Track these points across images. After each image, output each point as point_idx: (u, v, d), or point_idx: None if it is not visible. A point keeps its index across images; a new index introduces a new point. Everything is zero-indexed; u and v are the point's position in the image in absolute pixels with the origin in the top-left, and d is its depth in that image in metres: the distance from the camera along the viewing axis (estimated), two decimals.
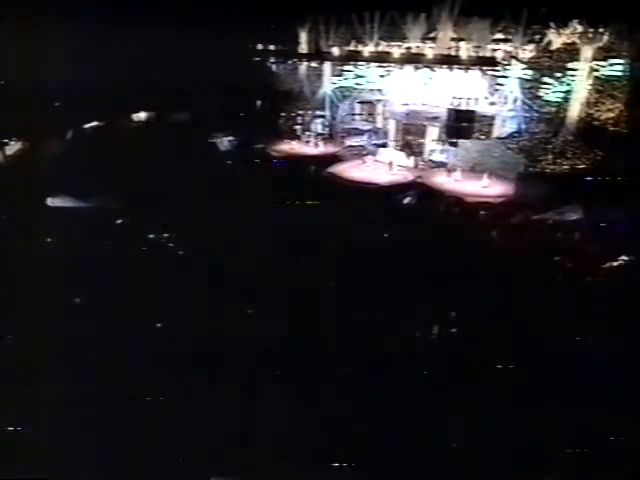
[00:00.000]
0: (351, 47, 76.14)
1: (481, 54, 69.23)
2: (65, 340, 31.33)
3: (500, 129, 66.81)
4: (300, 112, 78.40)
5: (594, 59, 61.04)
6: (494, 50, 68.74)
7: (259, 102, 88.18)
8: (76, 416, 26.21)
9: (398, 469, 24.59)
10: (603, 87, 62.98)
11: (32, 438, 25.57)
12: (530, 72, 62.56)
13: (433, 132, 69.76)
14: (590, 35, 61.48)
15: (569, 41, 61.83)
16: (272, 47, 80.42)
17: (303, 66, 77.80)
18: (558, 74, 61.11)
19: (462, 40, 70.78)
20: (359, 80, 75.33)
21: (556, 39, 62.97)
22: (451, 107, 68.22)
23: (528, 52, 65.72)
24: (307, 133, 78.01)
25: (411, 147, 71.15)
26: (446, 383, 29.17)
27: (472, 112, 67.31)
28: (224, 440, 25.29)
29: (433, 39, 72.60)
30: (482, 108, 67.48)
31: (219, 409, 26.90)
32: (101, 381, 28.43)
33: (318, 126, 78.15)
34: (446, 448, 25.49)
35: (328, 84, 76.95)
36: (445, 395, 28.20)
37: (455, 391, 28.51)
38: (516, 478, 24.65)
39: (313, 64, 77.31)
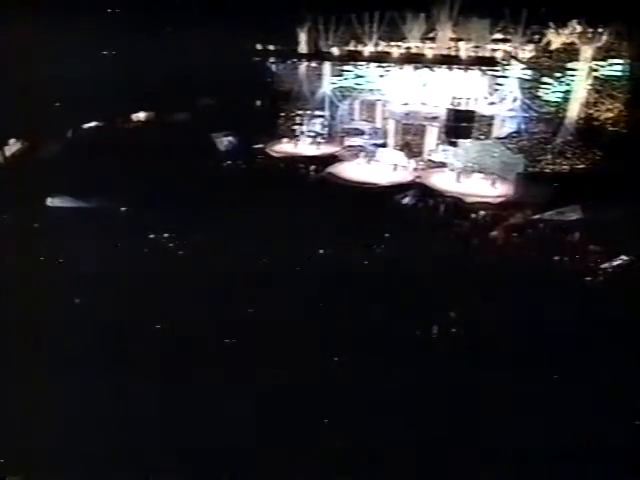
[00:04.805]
0: (351, 47, 76.17)
1: (480, 54, 69.20)
2: (65, 340, 31.44)
3: (499, 129, 66.79)
4: (300, 112, 78.47)
5: (593, 59, 61.10)
6: (494, 50, 68.70)
7: (259, 102, 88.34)
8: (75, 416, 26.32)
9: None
10: (603, 87, 62.99)
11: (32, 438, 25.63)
12: (530, 72, 62.62)
13: (432, 132, 69.82)
14: (589, 35, 61.48)
15: (568, 41, 61.81)
16: (272, 47, 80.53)
17: (303, 66, 77.91)
18: (558, 74, 61.17)
19: (461, 40, 70.74)
20: (359, 80, 75.41)
21: (555, 39, 62.91)
22: (450, 107, 68.32)
23: (528, 52, 65.67)
24: (307, 133, 78.07)
25: (410, 147, 71.18)
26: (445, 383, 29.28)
27: (471, 112, 67.37)
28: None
29: (432, 39, 72.59)
30: (481, 108, 67.53)
31: (219, 409, 26.99)
32: (99, 381, 28.44)
33: (318, 126, 78.25)
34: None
35: (328, 84, 77.07)
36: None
37: (454, 390, 28.66)
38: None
39: (313, 64, 77.41)
